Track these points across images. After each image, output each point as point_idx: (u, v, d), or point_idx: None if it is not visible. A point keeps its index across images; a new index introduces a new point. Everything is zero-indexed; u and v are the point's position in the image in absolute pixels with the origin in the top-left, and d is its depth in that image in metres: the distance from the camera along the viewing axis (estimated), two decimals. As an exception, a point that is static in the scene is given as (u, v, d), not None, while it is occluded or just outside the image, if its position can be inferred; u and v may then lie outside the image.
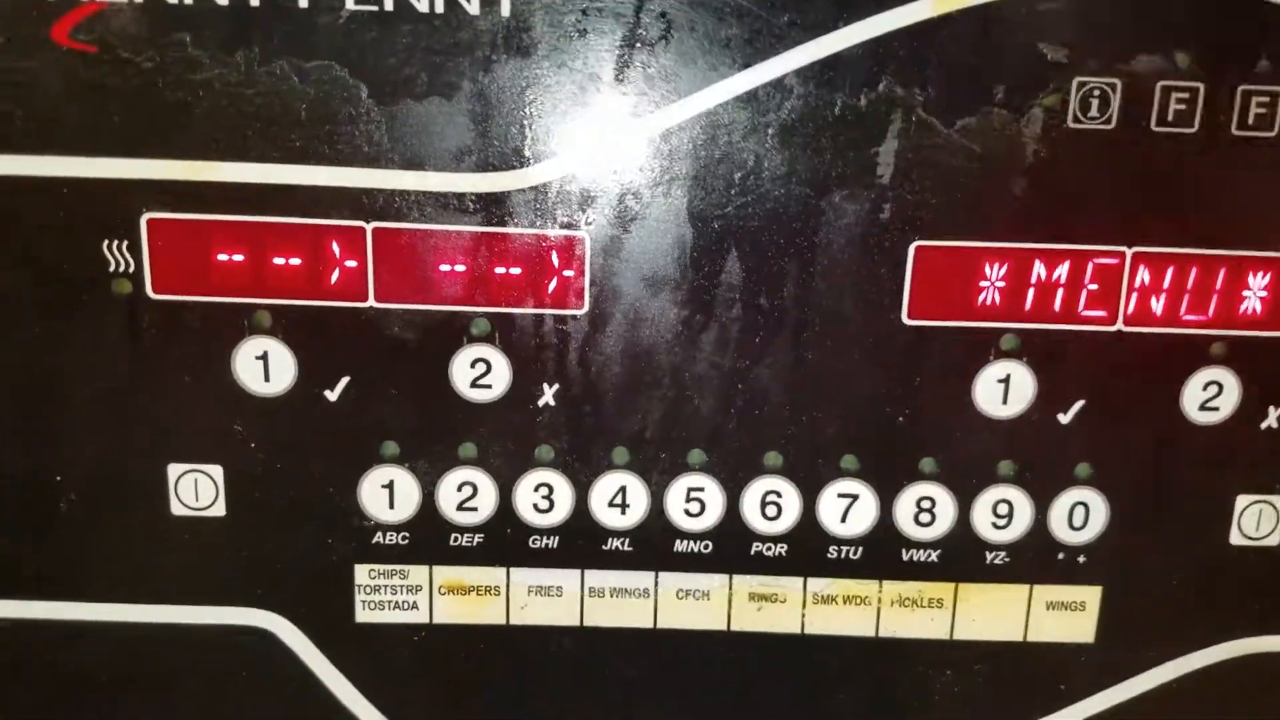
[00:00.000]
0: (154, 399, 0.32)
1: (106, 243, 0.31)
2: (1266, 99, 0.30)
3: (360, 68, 0.30)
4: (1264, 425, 0.33)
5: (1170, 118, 0.30)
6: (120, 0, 0.29)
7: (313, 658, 0.35)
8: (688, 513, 0.34)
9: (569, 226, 0.31)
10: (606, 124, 0.31)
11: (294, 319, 0.32)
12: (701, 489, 0.33)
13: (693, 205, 0.31)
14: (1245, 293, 0.32)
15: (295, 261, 0.31)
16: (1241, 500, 0.34)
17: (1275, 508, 0.34)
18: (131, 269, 0.31)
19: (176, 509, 0.33)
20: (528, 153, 0.31)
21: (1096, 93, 0.30)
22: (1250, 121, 0.30)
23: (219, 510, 0.33)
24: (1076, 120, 0.30)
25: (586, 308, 0.32)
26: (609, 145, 0.31)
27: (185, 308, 0.32)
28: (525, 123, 0.31)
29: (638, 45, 0.30)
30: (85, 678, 0.35)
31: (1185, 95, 0.30)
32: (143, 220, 0.31)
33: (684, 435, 0.33)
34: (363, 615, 0.34)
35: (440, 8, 0.30)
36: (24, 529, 0.33)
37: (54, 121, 0.30)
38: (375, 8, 0.30)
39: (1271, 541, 0.34)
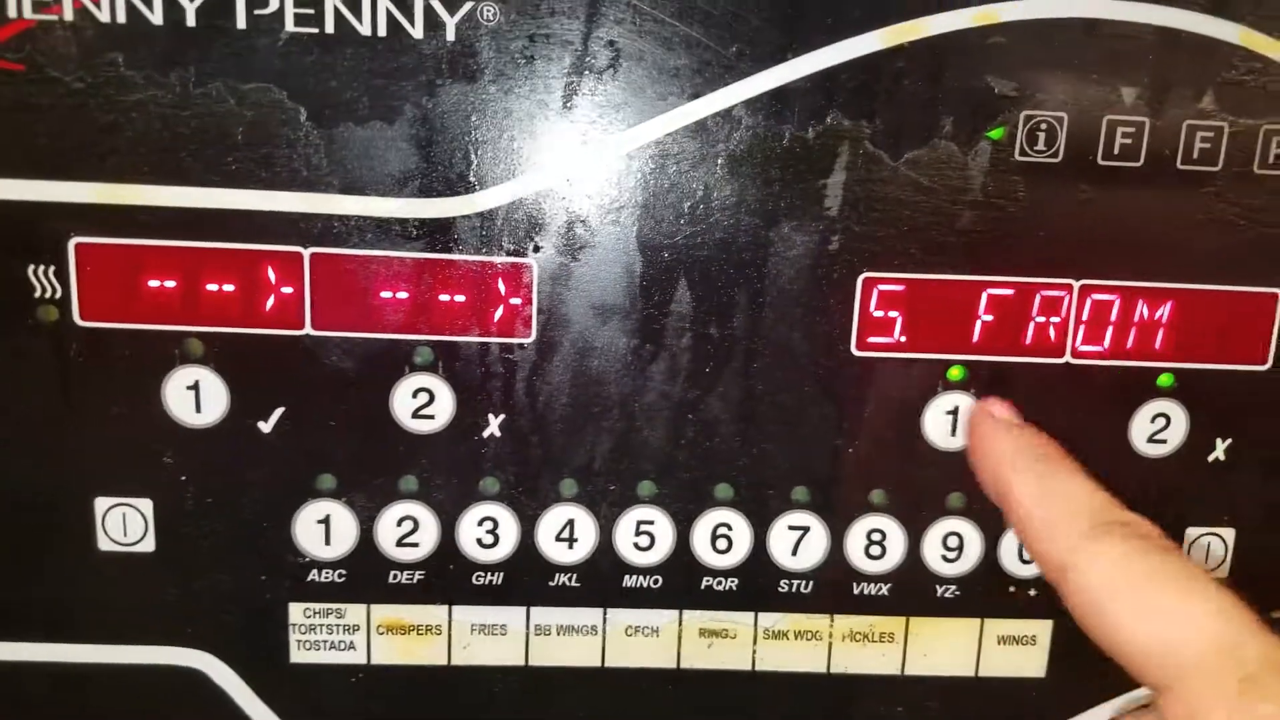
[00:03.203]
0: (80, 429, 0.31)
1: (32, 268, 0.30)
2: (1210, 134, 0.30)
3: (300, 90, 0.29)
4: (1210, 458, 0.33)
5: (1116, 151, 0.31)
6: (50, 18, 0.28)
7: (246, 699, 0.33)
8: (637, 546, 0.33)
9: (516, 254, 0.31)
10: (554, 151, 0.30)
11: (227, 347, 0.31)
12: (651, 522, 0.33)
13: (642, 234, 0.31)
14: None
15: (229, 288, 0.30)
16: (1190, 532, 0.34)
17: (1223, 539, 0.34)
18: (58, 295, 0.30)
19: (104, 544, 0.32)
20: (473, 179, 0.30)
21: (1044, 126, 0.30)
22: (1195, 156, 0.31)
23: (148, 545, 0.32)
24: (1023, 153, 0.30)
25: (534, 336, 0.31)
26: (557, 173, 0.30)
27: (114, 335, 0.30)
28: (470, 149, 0.30)
29: (586, 73, 0.29)
30: (8, 718, 0.33)
31: (1131, 130, 0.30)
32: (70, 245, 0.30)
33: (634, 467, 0.32)
34: (298, 655, 0.33)
35: (383, 31, 0.29)
36: (-61, 566, 0.32)
37: (-23, 141, 0.29)
38: (315, 30, 0.29)
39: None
